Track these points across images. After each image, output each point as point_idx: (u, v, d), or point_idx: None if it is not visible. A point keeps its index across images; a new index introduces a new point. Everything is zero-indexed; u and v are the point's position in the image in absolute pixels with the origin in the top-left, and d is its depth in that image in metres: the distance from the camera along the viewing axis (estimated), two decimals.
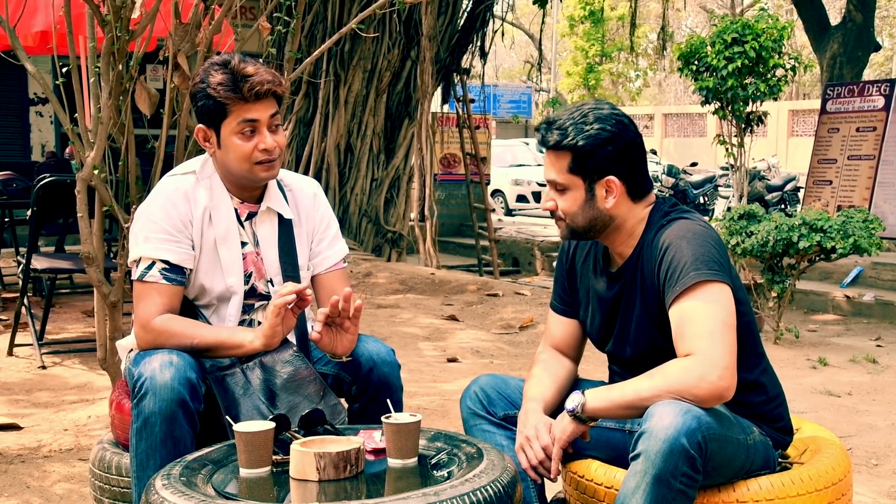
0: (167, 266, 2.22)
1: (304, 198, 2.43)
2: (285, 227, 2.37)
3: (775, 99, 8.09)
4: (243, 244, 2.32)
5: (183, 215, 2.25)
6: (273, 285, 2.34)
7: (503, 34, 11.97)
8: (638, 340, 2.10)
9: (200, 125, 2.26)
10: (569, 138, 2.02)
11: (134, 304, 2.25)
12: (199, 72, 2.26)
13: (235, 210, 2.32)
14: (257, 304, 2.35)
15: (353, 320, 2.19)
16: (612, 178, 2.04)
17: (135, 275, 2.24)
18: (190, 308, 2.30)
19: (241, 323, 2.33)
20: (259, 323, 2.33)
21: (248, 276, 2.33)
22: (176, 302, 2.24)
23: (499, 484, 1.68)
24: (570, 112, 2.06)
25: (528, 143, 21.53)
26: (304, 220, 2.42)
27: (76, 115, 3.40)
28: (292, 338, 2.36)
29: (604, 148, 2.02)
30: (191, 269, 2.27)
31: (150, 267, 2.22)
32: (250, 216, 2.34)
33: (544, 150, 2.09)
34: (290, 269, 2.35)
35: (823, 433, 2.26)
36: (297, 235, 2.39)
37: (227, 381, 2.15)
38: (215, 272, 2.29)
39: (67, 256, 5.58)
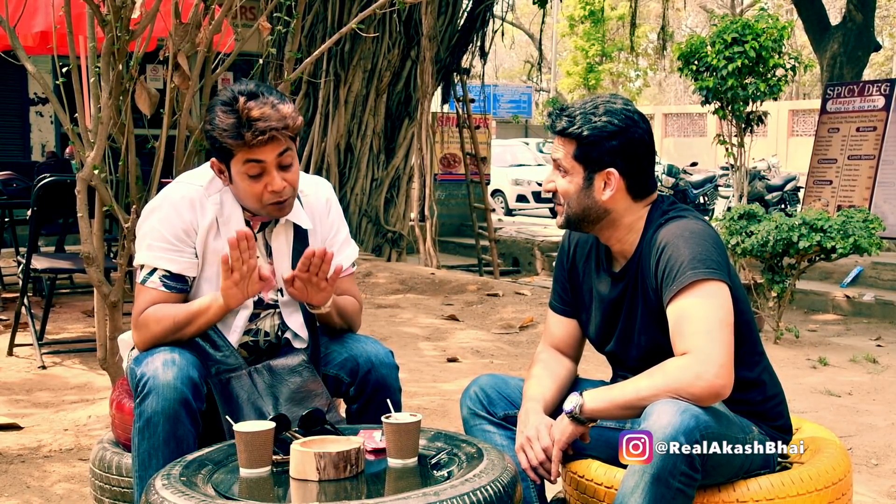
0: (168, 275, 2.22)
1: (318, 204, 2.40)
2: (300, 236, 2.34)
3: (775, 99, 8.08)
4: None
5: (187, 224, 2.22)
6: (283, 295, 2.33)
7: (503, 34, 11.97)
8: (643, 341, 2.10)
9: (213, 159, 2.23)
10: (575, 127, 2.04)
11: (134, 306, 2.26)
12: (209, 106, 2.19)
13: (248, 222, 2.28)
14: (263, 314, 2.34)
15: (329, 281, 2.19)
16: (612, 170, 2.04)
17: (137, 278, 2.25)
18: None
19: (248, 332, 2.32)
20: (265, 332, 2.33)
21: None
22: None
23: (499, 484, 1.68)
24: (584, 102, 2.09)
25: (528, 143, 21.52)
26: (318, 226, 2.38)
27: (76, 115, 3.40)
28: (301, 345, 2.35)
29: (608, 141, 2.03)
30: (194, 277, 2.25)
31: (151, 273, 2.22)
32: (263, 226, 2.31)
33: (553, 134, 2.11)
34: None
35: (823, 433, 2.26)
36: (311, 244, 2.35)
37: (232, 385, 2.14)
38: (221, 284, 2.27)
39: (67, 256, 5.57)
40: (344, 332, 2.40)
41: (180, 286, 2.23)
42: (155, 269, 2.21)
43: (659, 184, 14.62)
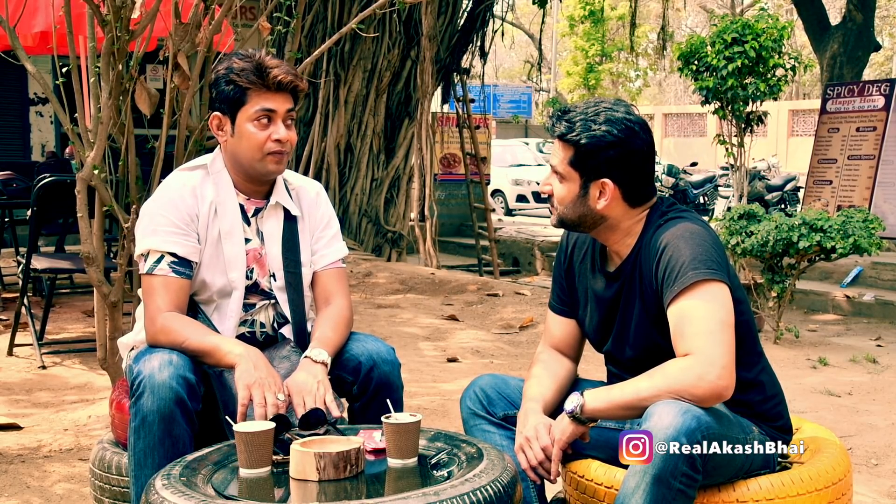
0: (176, 259, 2.23)
1: (307, 195, 2.45)
2: (290, 222, 2.39)
3: (775, 99, 8.08)
4: (247, 240, 2.34)
5: (190, 209, 2.27)
6: (275, 280, 2.35)
7: (503, 34, 11.98)
8: (637, 340, 2.10)
9: (216, 112, 2.28)
10: (573, 133, 2.03)
11: (143, 299, 2.26)
12: (223, 59, 2.32)
13: (241, 206, 2.33)
14: (259, 304, 2.35)
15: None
16: (607, 180, 2.04)
17: (143, 269, 2.25)
18: (192, 306, 2.31)
19: (244, 322, 2.33)
20: (262, 323, 2.35)
21: (249, 272, 2.34)
22: (184, 295, 2.25)
23: (499, 484, 1.68)
24: (586, 106, 2.06)
25: (528, 143, 21.52)
26: (308, 217, 2.43)
27: (76, 115, 3.40)
28: (289, 333, 2.36)
29: (606, 151, 2.01)
30: (196, 263, 2.28)
31: (158, 260, 2.23)
32: (257, 212, 2.36)
33: (552, 137, 2.10)
34: (292, 265, 2.36)
35: (823, 433, 2.26)
36: (300, 232, 2.40)
37: (225, 377, 2.15)
38: (217, 266, 2.30)
39: (67, 256, 5.57)
40: None
41: (188, 271, 2.25)
42: (161, 257, 2.23)
43: (659, 184, 14.72)
